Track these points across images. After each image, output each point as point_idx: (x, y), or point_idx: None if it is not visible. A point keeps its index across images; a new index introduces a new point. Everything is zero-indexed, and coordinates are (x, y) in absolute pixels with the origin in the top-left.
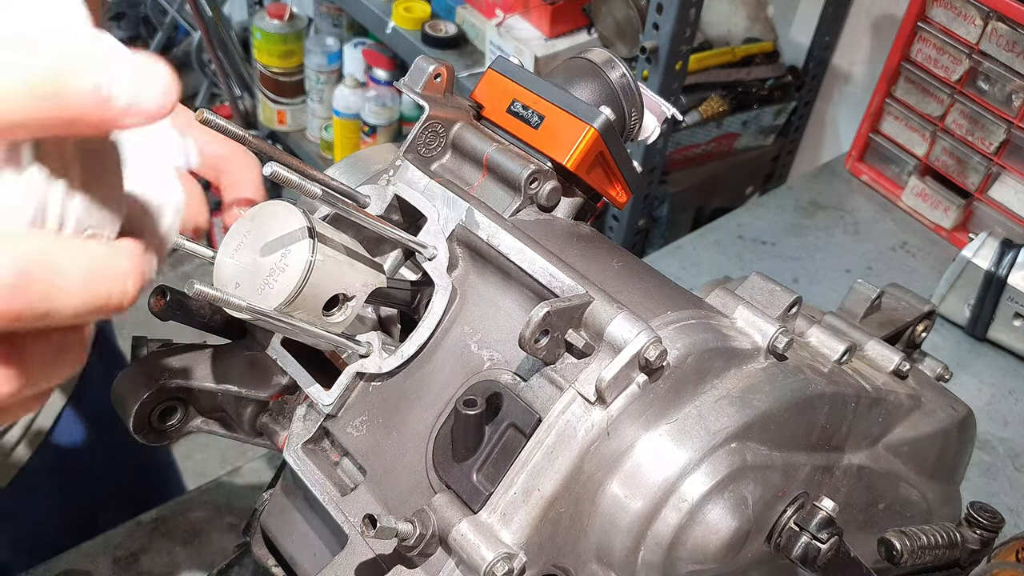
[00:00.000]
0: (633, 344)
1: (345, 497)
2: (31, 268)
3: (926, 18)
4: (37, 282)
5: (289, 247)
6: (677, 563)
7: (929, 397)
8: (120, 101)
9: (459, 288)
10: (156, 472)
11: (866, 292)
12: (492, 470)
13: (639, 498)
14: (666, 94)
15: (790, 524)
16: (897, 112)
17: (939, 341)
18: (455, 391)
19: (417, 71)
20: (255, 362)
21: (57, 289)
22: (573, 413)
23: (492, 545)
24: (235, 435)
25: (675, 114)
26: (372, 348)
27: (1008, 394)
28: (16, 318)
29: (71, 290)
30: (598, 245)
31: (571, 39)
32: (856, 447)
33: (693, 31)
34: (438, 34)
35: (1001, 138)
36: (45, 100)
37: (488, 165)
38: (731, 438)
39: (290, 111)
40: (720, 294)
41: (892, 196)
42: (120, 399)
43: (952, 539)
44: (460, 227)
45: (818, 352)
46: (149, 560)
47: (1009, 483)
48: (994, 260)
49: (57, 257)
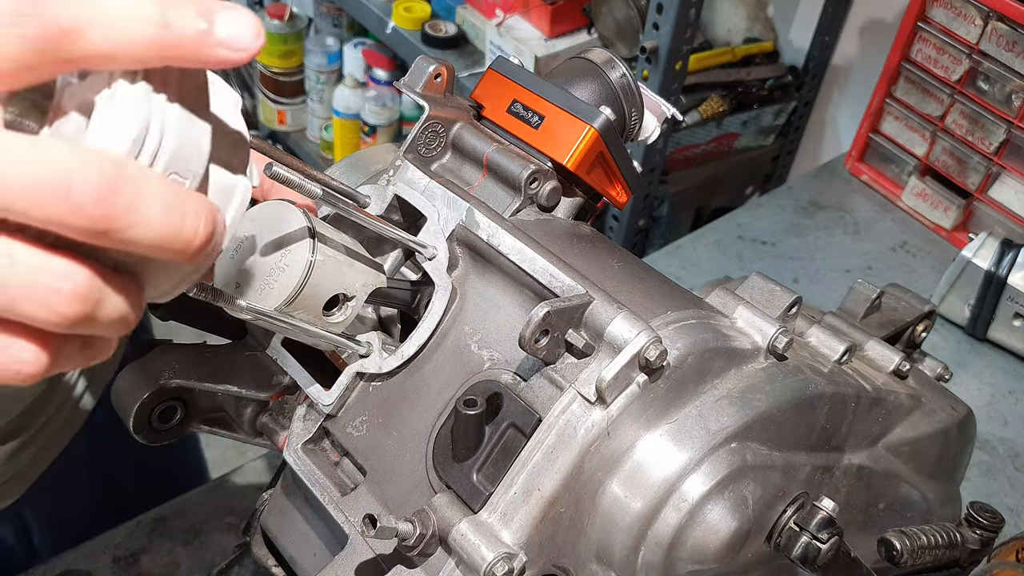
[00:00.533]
0: (633, 344)
1: (345, 497)
2: (121, 184)
3: (926, 18)
4: (123, 196)
5: (289, 247)
6: (677, 563)
7: (929, 397)
8: (220, 35)
9: (459, 288)
10: (185, 458)
11: (866, 292)
12: (492, 470)
13: (639, 498)
14: (666, 94)
15: (790, 524)
16: (897, 112)
17: (939, 341)
18: (455, 391)
19: (417, 71)
20: (255, 362)
21: (138, 210)
22: (573, 413)
23: (492, 545)
24: (235, 435)
25: (675, 114)
26: (372, 348)
27: (1008, 394)
28: (101, 226)
29: (150, 217)
30: (598, 245)
31: (571, 39)
32: (856, 447)
33: (693, 31)
34: (438, 34)
35: (1001, 138)
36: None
37: (488, 165)
38: (731, 438)
39: (290, 111)
40: (720, 294)
41: (892, 196)
42: (120, 399)
43: (952, 539)
44: (460, 227)
45: (818, 352)
46: (149, 560)
47: (1009, 483)
48: (994, 260)
49: (143, 183)
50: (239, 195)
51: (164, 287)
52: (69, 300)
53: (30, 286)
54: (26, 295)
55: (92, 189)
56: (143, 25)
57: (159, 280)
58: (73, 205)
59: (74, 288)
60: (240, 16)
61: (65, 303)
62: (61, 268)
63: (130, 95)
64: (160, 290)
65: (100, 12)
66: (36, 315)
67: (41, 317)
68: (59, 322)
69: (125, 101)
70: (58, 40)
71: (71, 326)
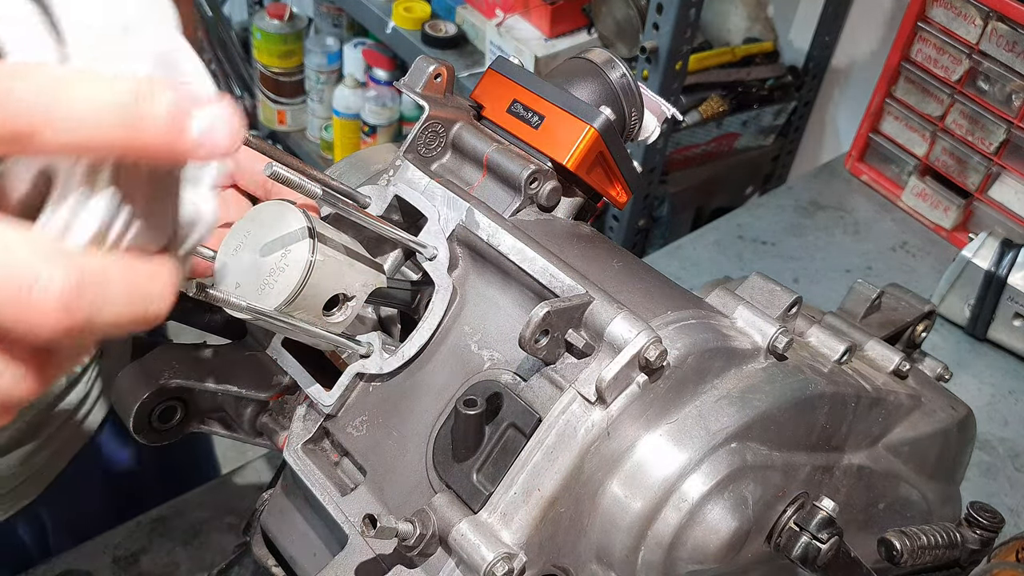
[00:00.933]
0: (633, 344)
1: (345, 497)
2: (85, 288)
3: (926, 18)
4: (89, 300)
5: (289, 247)
6: (677, 563)
7: (929, 397)
8: (194, 134)
9: (459, 288)
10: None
11: (866, 292)
12: (492, 470)
13: (639, 498)
14: (666, 94)
15: (790, 524)
16: (897, 112)
17: (939, 341)
18: (455, 391)
19: (417, 71)
20: (255, 362)
21: (103, 305)
22: (573, 413)
23: (492, 545)
24: (235, 435)
25: (675, 114)
26: (373, 348)
27: (1008, 394)
28: (66, 332)
29: (115, 305)
30: (598, 245)
31: (571, 39)
32: (856, 447)
33: (693, 31)
34: (438, 34)
35: (1001, 138)
36: (129, 127)
37: (488, 165)
38: (731, 438)
39: (290, 111)
40: (720, 294)
41: (892, 196)
42: (120, 399)
43: (952, 539)
44: (460, 227)
45: (818, 352)
46: (149, 560)
47: (1009, 483)
48: (994, 260)
49: (108, 274)
50: (203, 225)
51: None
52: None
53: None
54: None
55: (54, 294)
56: (110, 121)
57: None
58: (35, 313)
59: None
60: (218, 114)
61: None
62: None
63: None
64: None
65: (65, 107)
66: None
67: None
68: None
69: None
70: (15, 141)
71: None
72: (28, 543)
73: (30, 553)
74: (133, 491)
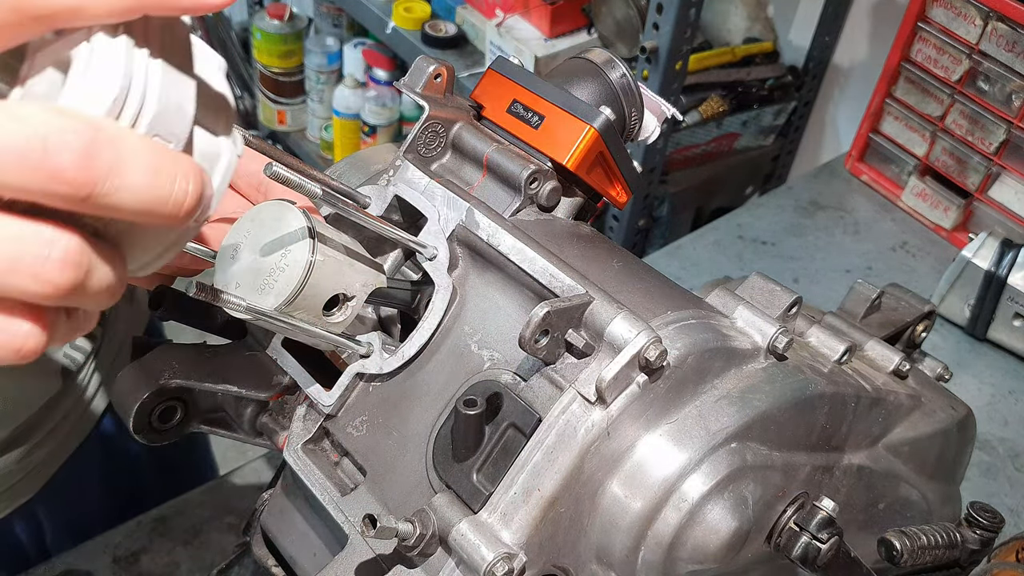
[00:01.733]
0: (633, 344)
1: (345, 497)
2: (100, 146)
3: (926, 18)
4: (104, 159)
5: (289, 247)
6: (677, 563)
7: (929, 397)
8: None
9: (459, 288)
10: (195, 456)
11: (866, 292)
12: (492, 470)
13: (639, 498)
14: (666, 94)
15: (790, 524)
16: (897, 112)
17: (939, 341)
18: (455, 391)
19: (417, 71)
20: (255, 362)
21: (121, 173)
22: (573, 413)
23: (492, 545)
24: (235, 435)
25: (675, 114)
26: (373, 348)
27: (1008, 394)
28: (82, 191)
29: (134, 180)
30: (598, 245)
31: (571, 39)
32: (856, 447)
33: (693, 31)
34: (438, 34)
35: (1001, 138)
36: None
37: (488, 165)
38: (731, 438)
39: (290, 111)
40: (720, 294)
41: (892, 196)
42: (120, 399)
43: (952, 539)
44: (460, 227)
45: (818, 352)
46: (149, 560)
47: (1009, 483)
48: (994, 260)
49: (125, 143)
50: (224, 161)
51: (146, 258)
52: (60, 268)
53: (18, 257)
54: (15, 267)
55: (70, 152)
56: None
57: (141, 251)
58: (51, 170)
59: (64, 255)
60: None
61: (57, 271)
62: (48, 235)
63: (110, 49)
64: (141, 262)
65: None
66: (26, 287)
67: (32, 289)
68: (52, 293)
69: (104, 56)
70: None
71: (64, 297)
72: (26, 542)
73: (27, 552)
74: (133, 491)
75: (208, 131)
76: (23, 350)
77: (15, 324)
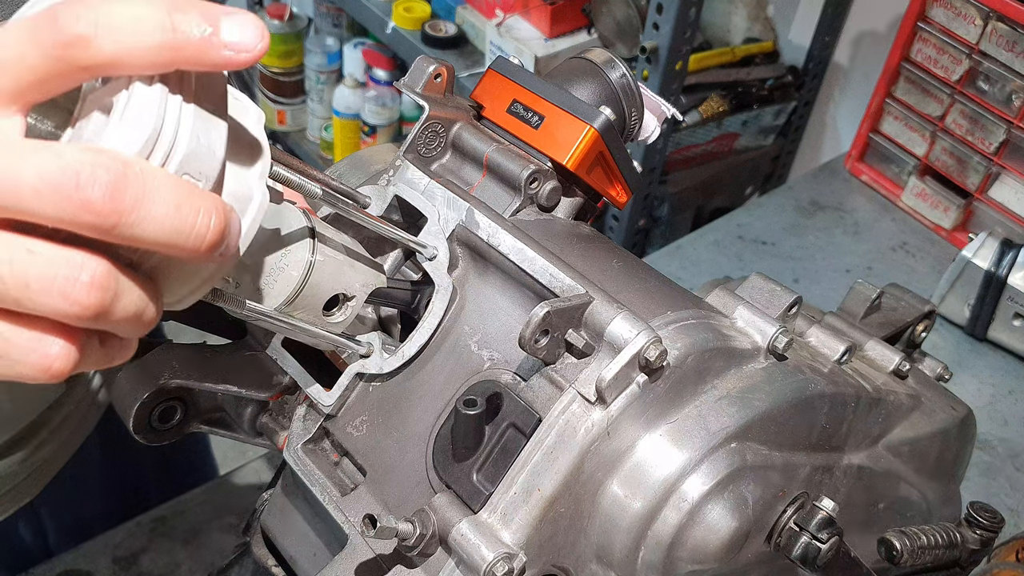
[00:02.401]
0: (633, 344)
1: (345, 497)
2: (127, 181)
3: (926, 18)
4: (130, 192)
5: (289, 247)
6: (677, 563)
7: (929, 397)
8: (225, 38)
9: (459, 288)
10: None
11: (866, 292)
12: (492, 470)
13: (639, 498)
14: (666, 94)
15: (790, 524)
16: (897, 112)
17: (939, 341)
18: (455, 391)
19: (417, 71)
20: (255, 362)
21: (146, 206)
22: (573, 413)
23: (492, 545)
24: (235, 435)
25: (675, 114)
26: (373, 348)
27: (1008, 394)
28: (109, 220)
29: (157, 212)
30: (598, 245)
31: (571, 39)
32: (856, 447)
33: (693, 31)
34: (438, 34)
35: (1001, 138)
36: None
37: (488, 165)
38: (731, 438)
39: (290, 111)
40: (720, 294)
41: (892, 196)
42: (120, 399)
43: (952, 539)
44: (460, 227)
45: (818, 352)
46: (149, 560)
47: (1009, 483)
48: (994, 260)
49: (151, 180)
50: (256, 202)
51: (182, 292)
52: (87, 289)
53: (49, 277)
54: (46, 287)
55: (99, 186)
56: (150, 29)
57: (177, 284)
58: (82, 201)
59: (92, 278)
60: (244, 20)
61: (84, 292)
62: (78, 259)
63: (145, 95)
64: (178, 295)
65: (109, 19)
66: (56, 306)
67: (61, 308)
68: (79, 313)
69: (140, 101)
70: (70, 47)
71: (91, 318)
72: (28, 543)
73: (30, 552)
74: (133, 491)
75: (240, 173)
76: (53, 368)
77: (47, 342)
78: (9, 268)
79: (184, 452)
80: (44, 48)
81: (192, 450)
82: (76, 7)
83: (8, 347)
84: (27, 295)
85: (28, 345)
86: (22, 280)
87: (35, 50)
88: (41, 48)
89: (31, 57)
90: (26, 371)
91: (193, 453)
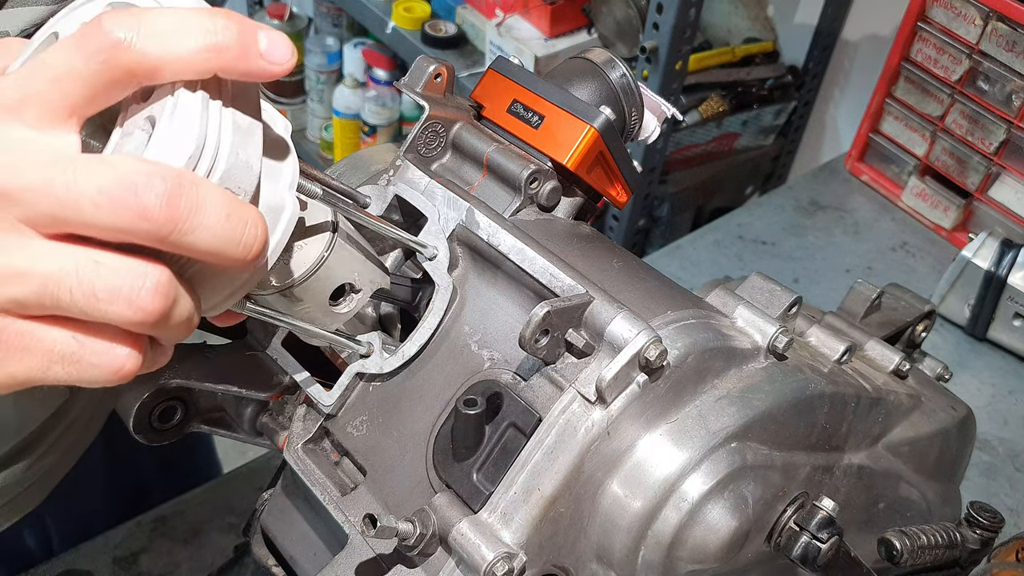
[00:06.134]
0: (633, 344)
1: (345, 497)
2: (182, 190)
3: (926, 18)
4: (186, 201)
5: (308, 239)
6: (677, 563)
7: (929, 397)
8: (262, 48)
9: (459, 288)
10: (199, 457)
11: (866, 292)
12: (492, 470)
13: (639, 497)
14: (666, 94)
15: (790, 524)
16: (897, 112)
17: (939, 341)
18: (455, 391)
19: (417, 71)
20: (255, 362)
21: (201, 214)
22: (573, 413)
23: (492, 545)
24: (235, 435)
25: (675, 114)
26: (373, 348)
27: (1008, 394)
28: (166, 228)
29: (211, 221)
30: (598, 245)
31: (571, 39)
32: (856, 447)
33: (693, 31)
34: (438, 34)
35: (1001, 138)
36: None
37: (488, 165)
38: (731, 438)
39: (290, 111)
40: (720, 294)
41: (892, 196)
42: (120, 399)
43: (952, 539)
44: (460, 227)
45: (818, 352)
46: (149, 560)
47: (1009, 483)
48: (994, 260)
49: (203, 190)
50: (287, 213)
51: (216, 300)
52: (152, 297)
53: (116, 287)
54: (115, 297)
55: (156, 195)
56: (194, 33)
57: (212, 292)
58: (140, 209)
59: (156, 286)
60: (277, 35)
61: (149, 300)
62: (142, 269)
63: (189, 109)
64: (212, 303)
65: (153, 24)
66: (123, 314)
67: (126, 316)
68: (144, 320)
69: (183, 117)
70: (117, 51)
71: (153, 324)
72: (33, 547)
73: (34, 556)
74: (134, 491)
75: (272, 183)
76: (122, 371)
77: (116, 348)
78: (77, 279)
79: (185, 452)
80: (91, 55)
81: (193, 450)
82: (120, 14)
83: (82, 353)
84: (95, 304)
85: (101, 350)
86: (90, 290)
87: (83, 59)
88: (89, 56)
89: (79, 67)
90: (99, 375)
91: (194, 454)
